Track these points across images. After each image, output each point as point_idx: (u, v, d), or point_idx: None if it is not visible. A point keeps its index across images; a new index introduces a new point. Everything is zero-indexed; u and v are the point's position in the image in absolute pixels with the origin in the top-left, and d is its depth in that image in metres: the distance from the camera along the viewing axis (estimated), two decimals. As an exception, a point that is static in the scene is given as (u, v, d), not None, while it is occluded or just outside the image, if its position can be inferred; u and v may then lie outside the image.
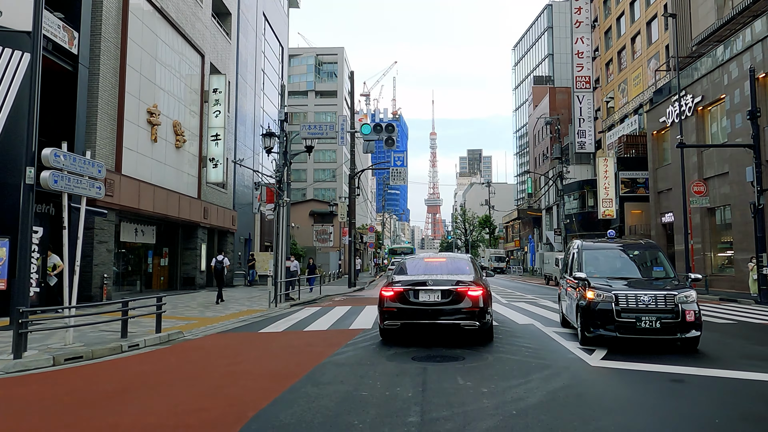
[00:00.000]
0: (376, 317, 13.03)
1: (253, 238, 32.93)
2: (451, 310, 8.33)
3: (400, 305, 8.46)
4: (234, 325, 12.39)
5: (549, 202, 53.33)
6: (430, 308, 8.38)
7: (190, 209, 22.84)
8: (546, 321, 12.03)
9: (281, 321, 13.03)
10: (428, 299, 8.41)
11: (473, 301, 8.34)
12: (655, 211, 30.19)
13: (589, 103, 48.76)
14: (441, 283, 8.55)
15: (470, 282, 8.65)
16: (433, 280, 8.68)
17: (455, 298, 8.35)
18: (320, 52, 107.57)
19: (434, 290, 8.43)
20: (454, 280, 8.66)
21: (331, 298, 21.14)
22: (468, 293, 8.37)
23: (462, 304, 8.32)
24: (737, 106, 22.73)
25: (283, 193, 17.81)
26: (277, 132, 18.12)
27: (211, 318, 13.61)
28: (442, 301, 8.35)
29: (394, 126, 17.28)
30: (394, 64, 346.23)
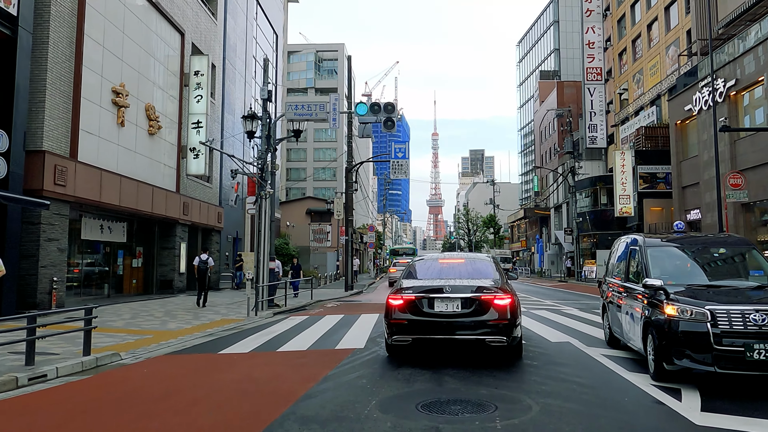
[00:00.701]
0: (370, 332, 10.64)
1: (243, 237, 30.48)
2: (474, 323, 6.90)
3: (411, 317, 7.04)
4: (195, 342, 9.97)
5: (558, 200, 50.84)
6: (448, 320, 6.94)
7: (167, 204, 20.43)
8: (584, 338, 9.57)
9: (254, 336, 10.59)
10: (445, 309, 6.95)
11: (500, 312, 6.88)
12: (679, 207, 27.70)
13: (600, 96, 46.28)
14: (460, 290, 7.06)
15: (496, 288, 7.13)
16: (450, 286, 7.16)
17: (479, 308, 6.90)
18: (320, 48, 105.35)
19: (453, 298, 6.95)
20: (475, 286, 7.16)
21: (323, 303, 18.70)
22: (494, 302, 6.90)
23: (487, 316, 6.88)
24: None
25: (265, 184, 15.39)
26: (260, 114, 15.68)
27: (172, 331, 11.18)
28: (463, 311, 6.91)
29: (394, 105, 14.86)
30: (395, 64, 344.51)
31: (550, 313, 14.22)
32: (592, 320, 12.41)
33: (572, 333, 10.17)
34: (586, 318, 12.94)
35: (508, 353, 7.49)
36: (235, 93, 29.74)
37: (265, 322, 13.06)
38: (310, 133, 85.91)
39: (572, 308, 15.79)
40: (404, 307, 7.08)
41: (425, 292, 7.10)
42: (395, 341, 7.25)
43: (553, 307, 16.27)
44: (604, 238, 38.73)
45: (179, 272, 21.78)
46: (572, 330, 10.67)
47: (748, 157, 22.51)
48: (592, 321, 12.21)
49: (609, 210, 38.60)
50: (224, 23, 27.61)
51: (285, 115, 15.52)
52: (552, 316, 13.30)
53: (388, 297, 7.40)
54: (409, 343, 7.18)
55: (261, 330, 11.60)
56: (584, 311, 14.76)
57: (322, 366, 7.26)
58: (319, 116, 15.28)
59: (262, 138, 15.50)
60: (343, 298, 21.68)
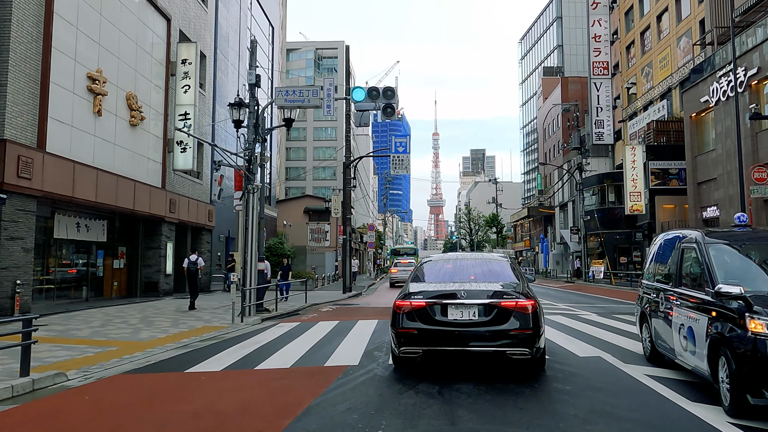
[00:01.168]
0: (366, 343, 9.27)
1: (236, 237, 29.11)
2: (494, 332, 6.08)
3: (421, 325, 6.23)
4: (164, 355, 8.60)
5: (563, 198, 49.45)
6: (464, 330, 6.15)
7: (152, 201, 19.07)
8: (616, 351, 8.19)
9: (234, 348, 9.23)
10: (461, 317, 6.17)
11: (523, 320, 6.09)
12: (695, 204, 26.31)
13: (607, 91, 44.89)
14: (477, 295, 6.25)
15: (517, 292, 6.34)
16: (465, 290, 6.32)
17: (498, 316, 6.11)
18: (320, 46, 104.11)
19: (469, 305, 6.17)
20: (493, 290, 6.34)
21: (317, 308, 17.33)
22: (516, 308, 6.11)
23: (508, 324, 6.08)
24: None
25: (253, 177, 14.03)
26: (247, 100, 14.31)
27: (142, 342, 9.82)
28: (480, 319, 6.13)
29: (394, 90, 13.49)
30: (396, 64, 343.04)
31: (568, 319, 12.84)
32: (617, 328, 11.03)
33: (600, 345, 8.78)
34: (609, 325, 11.55)
35: (530, 367, 6.62)
36: (228, 85, 28.39)
37: (251, 330, 11.70)
38: (310, 132, 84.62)
39: (589, 312, 14.40)
40: (413, 314, 6.26)
41: (437, 297, 6.28)
42: (404, 353, 6.39)
43: (568, 311, 14.89)
44: (612, 237, 37.37)
45: (165, 274, 20.42)
46: (599, 341, 9.28)
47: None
48: (619, 329, 10.83)
49: (617, 208, 37.24)
50: (216, 11, 26.26)
51: (275, 101, 14.13)
52: (571, 323, 11.92)
53: (395, 302, 6.55)
54: (419, 355, 6.41)
55: (244, 340, 10.23)
56: (604, 316, 13.38)
57: (306, 391, 5.88)
58: (313, 102, 13.89)
59: (249, 127, 14.13)
60: (340, 301, 20.32)
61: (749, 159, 21.99)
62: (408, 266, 32.54)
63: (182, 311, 15.18)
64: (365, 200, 76.31)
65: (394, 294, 22.98)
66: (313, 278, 26.17)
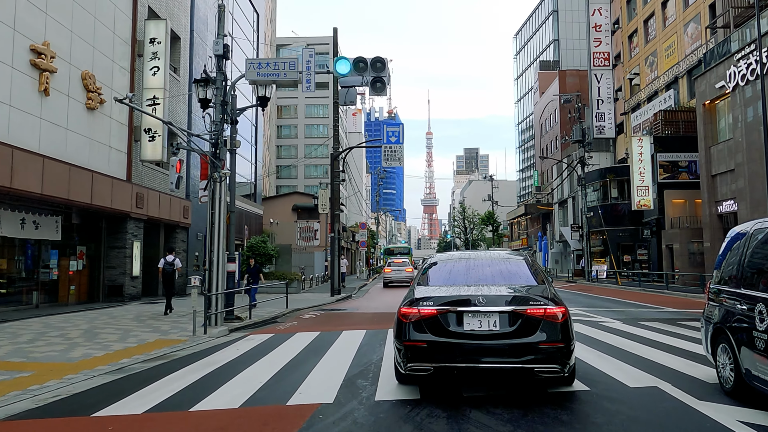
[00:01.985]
0: (348, 366, 7.30)
1: (217, 236, 27.04)
2: (519, 346, 5.07)
3: (432, 337, 5.25)
4: (86, 384, 6.61)
5: (563, 195, 47.65)
6: (483, 344, 5.14)
7: (115, 194, 17.02)
8: (677, 378, 6.23)
9: (179, 373, 7.23)
10: (479, 328, 5.18)
11: (553, 331, 5.10)
12: (709, 198, 24.50)
13: (608, 83, 43.15)
14: (496, 301, 5.26)
15: (544, 298, 5.31)
16: (483, 295, 5.32)
17: (524, 326, 5.12)
18: (311, 41, 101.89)
19: (489, 313, 5.19)
20: (515, 295, 5.42)
21: (299, 314, 15.34)
22: (546, 317, 5.12)
23: (536, 336, 5.09)
24: None
25: (220, 163, 12.01)
26: (213, 75, 12.29)
27: (69, 364, 7.83)
28: (502, 330, 5.14)
29: (384, 62, 11.54)
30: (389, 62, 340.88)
31: (588, 327, 10.92)
32: (659, 342, 9.08)
33: (649, 368, 6.84)
34: (645, 337, 9.62)
35: (558, 386, 5.64)
36: (207, 72, 26.22)
37: (212, 345, 9.69)
38: (301, 129, 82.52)
39: (610, 319, 12.49)
40: (422, 324, 5.31)
41: (450, 303, 5.32)
42: (411, 370, 5.37)
43: (584, 317, 12.96)
44: (615, 234, 35.53)
45: (132, 276, 18.35)
46: (644, 362, 7.33)
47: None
48: (662, 344, 8.89)
49: (621, 204, 35.47)
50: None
51: (246, 75, 12.10)
52: (595, 333, 10.00)
53: (399, 310, 5.60)
54: (431, 372, 5.31)
55: (198, 359, 8.24)
56: (629, 324, 11.46)
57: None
58: (290, 77, 11.91)
59: (216, 105, 12.12)
60: (327, 305, 18.33)
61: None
62: (402, 266, 31.66)
63: (149, 317, 13.15)
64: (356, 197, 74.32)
65: (387, 297, 20.67)
66: (299, 280, 24.16)
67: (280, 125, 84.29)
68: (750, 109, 21.16)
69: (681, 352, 7.96)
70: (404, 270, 30.03)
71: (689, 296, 19.91)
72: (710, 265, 23.92)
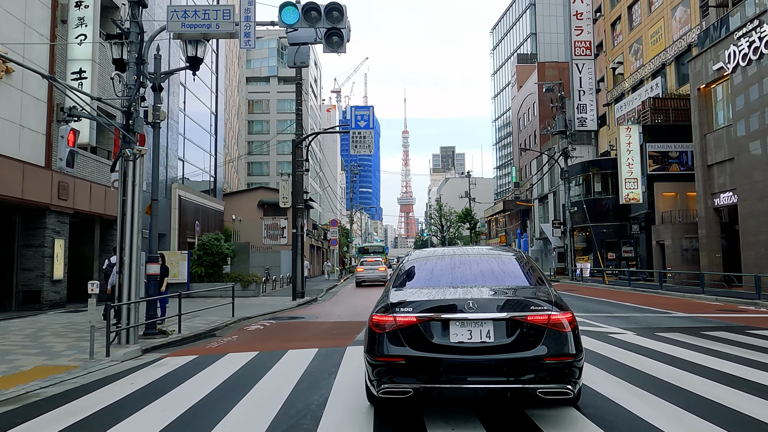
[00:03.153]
0: (275, 414, 4.85)
1: (168, 232, 24.32)
2: (518, 362, 4.12)
3: (411, 352, 4.24)
4: None
5: (543, 190, 45.82)
6: (476, 359, 4.17)
7: (27, 183, 14.28)
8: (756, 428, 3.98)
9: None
10: (469, 339, 4.21)
11: (560, 342, 4.16)
12: (704, 190, 22.65)
13: (590, 73, 41.45)
14: (490, 306, 4.30)
15: (546, 302, 4.34)
16: (474, 299, 4.33)
17: (525, 337, 4.18)
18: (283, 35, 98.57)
19: (481, 320, 4.23)
20: (514, 299, 4.43)
21: (246, 324, 12.82)
22: (550, 325, 4.18)
23: (539, 349, 4.13)
24: None
25: (135, 138, 9.45)
26: (127, 27, 9.71)
27: None
28: (498, 342, 4.18)
29: (342, 11, 9.13)
30: (365, 60, 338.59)
31: (599, 342, 8.68)
32: (692, 362, 6.85)
33: (707, 410, 4.59)
34: (673, 356, 7.39)
35: None
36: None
37: (107, 375, 7.19)
38: (273, 125, 79.42)
39: (618, 329, 10.29)
40: (399, 335, 4.29)
41: (433, 310, 4.31)
42: (386, 392, 4.28)
43: (589, 326, 10.74)
44: (599, 231, 33.66)
45: (52, 280, 15.59)
46: (694, 398, 5.07)
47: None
48: (696, 365, 6.66)
49: (605, 199, 33.69)
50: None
51: (168, 26, 9.55)
52: (612, 352, 7.75)
53: (371, 318, 4.53)
54: (410, 395, 4.25)
55: (66, 402, 5.76)
56: (646, 336, 9.25)
57: None
58: (223, 28, 9.41)
59: (130, 65, 9.55)
60: (283, 312, 15.84)
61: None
62: (374, 265, 31.42)
63: (54, 331, 10.50)
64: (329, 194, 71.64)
65: (356, 300, 17.89)
66: (258, 282, 21.57)
67: (251, 120, 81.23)
68: (753, 89, 19.31)
69: (738, 382, 5.74)
70: (377, 269, 30.04)
71: (688, 297, 17.96)
72: (706, 263, 22.13)
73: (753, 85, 19.30)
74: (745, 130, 19.81)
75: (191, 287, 20.40)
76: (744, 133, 19.90)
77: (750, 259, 19.45)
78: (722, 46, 21.12)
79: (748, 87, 19.58)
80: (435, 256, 5.70)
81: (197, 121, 29.34)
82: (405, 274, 5.35)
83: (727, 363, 6.89)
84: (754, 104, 19.21)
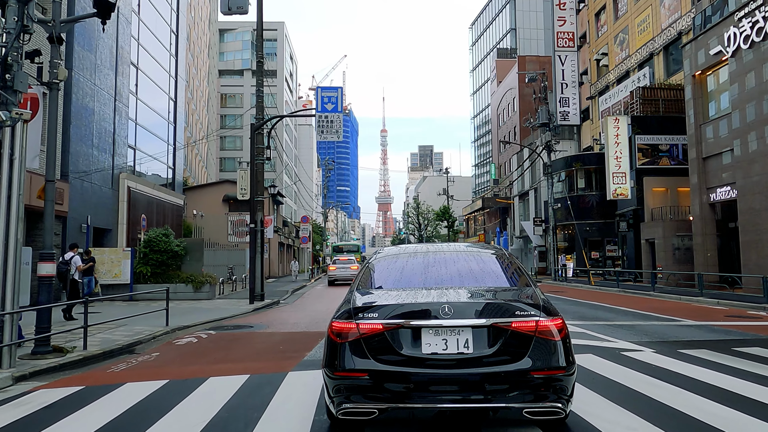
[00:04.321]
0: None
1: (115, 227, 21.83)
2: (502, 376, 3.61)
3: (377, 366, 3.71)
4: None
5: (523, 187, 44.25)
6: (452, 373, 3.66)
7: None
8: None
9: None
10: (444, 350, 3.70)
11: (549, 352, 3.70)
12: (699, 185, 21.10)
13: (573, 65, 39.93)
14: (468, 311, 3.79)
15: (532, 305, 3.85)
16: (450, 303, 3.81)
17: (509, 346, 3.68)
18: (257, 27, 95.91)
19: (458, 328, 3.73)
20: (493, 302, 3.92)
21: (177, 336, 10.61)
22: (538, 333, 3.70)
23: (525, 361, 3.65)
24: None
25: (13, 98, 7.22)
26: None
27: None
28: (478, 353, 3.67)
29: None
30: (343, 58, 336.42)
31: (611, 363, 6.75)
32: (747, 397, 4.94)
33: None
34: (717, 387, 5.44)
35: None
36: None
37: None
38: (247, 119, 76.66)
39: (631, 343, 8.37)
40: (363, 345, 3.75)
41: (403, 315, 3.77)
42: (347, 413, 3.74)
43: (590, 338, 8.82)
44: (582, 229, 32.09)
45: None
46: None
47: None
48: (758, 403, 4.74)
49: (588, 196, 32.17)
50: None
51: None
52: (630, 378, 5.80)
53: (331, 324, 3.98)
54: (375, 417, 3.74)
55: None
56: (667, 354, 7.37)
57: None
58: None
59: (9, 3, 7.32)
60: (232, 318, 13.65)
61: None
62: (347, 263, 31.01)
63: None
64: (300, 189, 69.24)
65: (321, 304, 15.42)
66: (212, 283, 19.30)
67: (224, 114, 78.54)
68: (754, 74, 17.73)
69: None
70: (349, 267, 30.22)
71: (685, 300, 16.31)
72: (701, 262, 20.55)
73: (754, 70, 17.72)
74: (746, 119, 18.24)
75: (135, 289, 18.09)
76: (744, 122, 18.33)
77: (751, 258, 17.89)
78: (721, 28, 19.54)
79: (748, 72, 18.00)
80: (406, 254, 5.07)
81: (153, 106, 26.86)
82: (372, 274, 4.75)
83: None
84: (756, 91, 17.64)
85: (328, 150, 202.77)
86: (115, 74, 22.06)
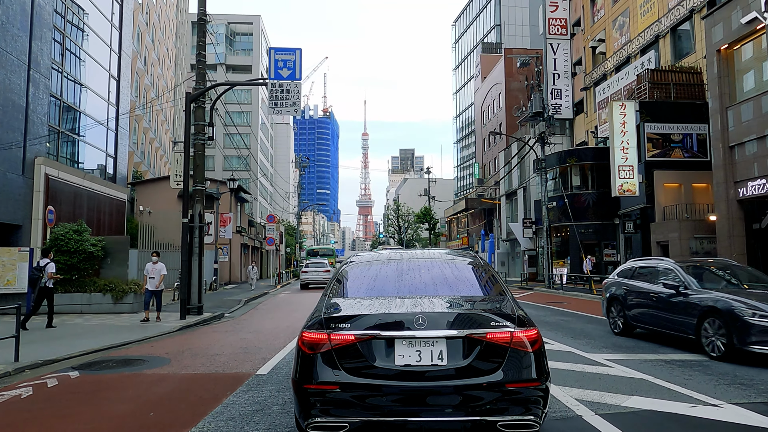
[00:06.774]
0: None
1: (28, 223, 17.89)
2: (475, 389, 3.55)
3: (348, 378, 3.63)
4: None
5: (511, 186, 41.03)
6: (426, 386, 3.59)
7: None
8: None
9: None
10: (417, 362, 3.63)
11: (523, 364, 3.65)
12: (725, 178, 17.93)
13: (566, 54, 36.87)
14: (442, 321, 3.71)
15: (506, 316, 3.77)
16: (424, 314, 3.72)
17: (483, 358, 3.62)
18: (232, 20, 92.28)
19: (432, 339, 3.66)
20: (467, 313, 3.84)
21: (28, 375, 6.90)
22: (513, 344, 3.65)
23: (499, 374, 3.59)
24: None
25: None
26: None
27: None
28: (452, 365, 3.62)
29: None
30: (325, 60, 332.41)
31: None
32: None
33: None
34: None
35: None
36: None
37: None
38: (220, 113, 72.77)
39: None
40: (334, 357, 3.67)
41: (376, 326, 3.68)
42: (316, 428, 3.63)
43: (664, 393, 5.36)
44: (578, 230, 28.91)
45: None
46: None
47: None
48: None
49: (584, 195, 29.04)
50: None
51: None
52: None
53: (301, 335, 3.88)
54: (346, 431, 3.60)
55: None
56: None
57: None
58: None
59: None
60: (134, 345, 9.93)
61: None
62: (319, 267, 30.78)
63: None
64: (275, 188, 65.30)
65: (279, 316, 11.07)
66: (138, 292, 15.49)
67: (194, 110, 73.96)
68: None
69: None
70: (321, 271, 30.22)
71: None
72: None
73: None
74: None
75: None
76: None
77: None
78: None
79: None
80: (380, 261, 4.98)
81: (86, 83, 22.95)
82: (345, 282, 4.61)
83: None
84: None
85: (309, 151, 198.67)
86: (30, 37, 18.17)
